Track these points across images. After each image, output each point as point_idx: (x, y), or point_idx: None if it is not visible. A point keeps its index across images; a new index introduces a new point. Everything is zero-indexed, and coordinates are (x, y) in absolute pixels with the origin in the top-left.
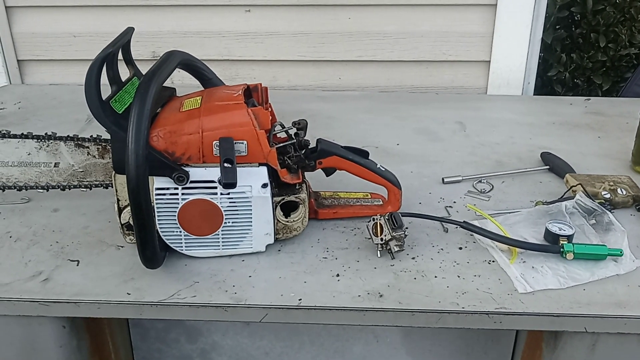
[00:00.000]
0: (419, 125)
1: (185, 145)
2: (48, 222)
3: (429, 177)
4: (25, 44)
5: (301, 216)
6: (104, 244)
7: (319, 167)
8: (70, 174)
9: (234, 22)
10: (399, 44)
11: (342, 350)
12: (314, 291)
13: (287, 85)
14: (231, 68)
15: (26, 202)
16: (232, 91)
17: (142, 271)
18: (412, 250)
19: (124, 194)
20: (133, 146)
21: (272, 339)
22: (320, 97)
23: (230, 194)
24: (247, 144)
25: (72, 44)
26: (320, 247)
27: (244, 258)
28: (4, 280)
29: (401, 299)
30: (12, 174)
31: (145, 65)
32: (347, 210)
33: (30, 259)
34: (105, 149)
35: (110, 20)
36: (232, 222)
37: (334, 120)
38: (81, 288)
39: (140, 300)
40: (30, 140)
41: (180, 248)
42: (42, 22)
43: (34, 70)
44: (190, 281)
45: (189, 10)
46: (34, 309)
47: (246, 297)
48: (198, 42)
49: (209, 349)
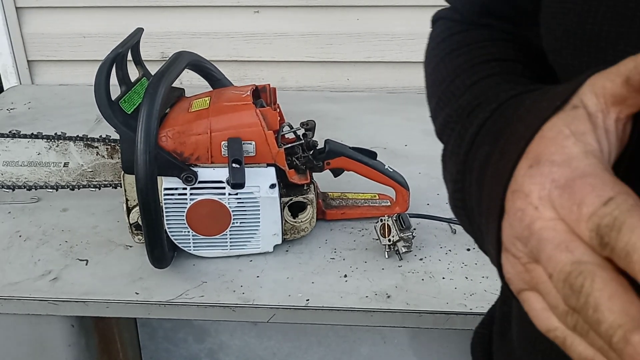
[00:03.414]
0: (428, 126)
1: (193, 145)
2: (57, 221)
3: (437, 179)
4: (35, 45)
5: (309, 217)
6: (112, 243)
7: (327, 167)
8: (79, 174)
9: (243, 23)
10: (408, 44)
11: (349, 351)
12: (321, 292)
13: (295, 86)
14: (240, 69)
15: (36, 201)
16: (240, 92)
17: (151, 271)
18: (420, 252)
19: (132, 193)
20: (142, 146)
21: (280, 340)
22: (328, 98)
23: (239, 195)
24: (256, 144)
25: (82, 45)
26: (328, 247)
27: (251, 258)
28: (13, 279)
29: (409, 300)
30: (22, 173)
31: (154, 65)
32: (355, 211)
33: (39, 258)
34: (114, 149)
35: (119, 21)
36: (240, 223)
37: (342, 121)
38: (90, 287)
39: (149, 299)
40: (40, 140)
41: (188, 248)
42: (52, 22)
43: (44, 70)
44: (198, 281)
45: (197, 12)
46: (43, 308)
47: (254, 297)
48: (207, 43)
49: (216, 349)
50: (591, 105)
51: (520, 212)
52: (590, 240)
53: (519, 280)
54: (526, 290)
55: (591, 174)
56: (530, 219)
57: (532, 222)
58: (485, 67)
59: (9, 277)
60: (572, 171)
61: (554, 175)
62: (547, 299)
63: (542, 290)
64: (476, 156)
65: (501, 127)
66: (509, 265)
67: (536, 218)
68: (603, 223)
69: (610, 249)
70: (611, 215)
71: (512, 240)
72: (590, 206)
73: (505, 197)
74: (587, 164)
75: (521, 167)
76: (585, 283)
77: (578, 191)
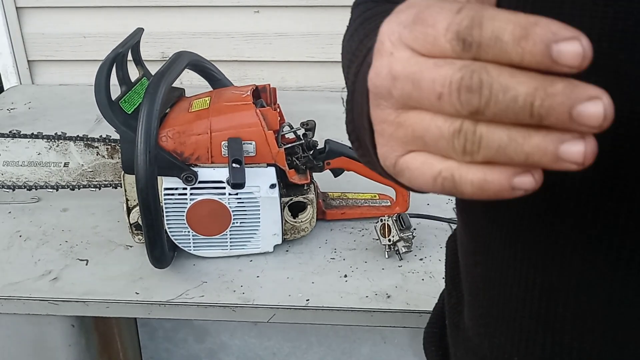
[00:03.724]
0: None
1: (194, 145)
2: (57, 221)
3: None
4: (36, 45)
5: (309, 217)
6: (112, 243)
7: (327, 167)
8: (79, 174)
9: (243, 23)
10: None
11: (349, 351)
12: (321, 292)
13: (295, 86)
14: (240, 69)
15: (36, 201)
16: (240, 92)
17: (151, 271)
18: (420, 252)
19: (132, 193)
20: (142, 146)
21: (280, 340)
22: (328, 98)
23: (239, 194)
24: (256, 144)
25: (82, 45)
26: (328, 247)
27: (251, 258)
28: (13, 279)
29: (409, 300)
30: (22, 173)
31: (154, 65)
32: (355, 211)
33: (39, 258)
34: (114, 149)
35: (120, 21)
36: (240, 223)
37: (342, 121)
38: (90, 287)
39: (149, 299)
40: (40, 140)
41: (188, 248)
42: (53, 22)
43: (44, 70)
44: (199, 281)
45: (198, 11)
46: (44, 307)
47: (254, 297)
48: (207, 43)
49: (216, 349)
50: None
51: (375, 67)
52: (453, 50)
53: (394, 145)
54: (402, 156)
55: (436, 3)
56: (388, 67)
57: (390, 68)
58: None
59: (9, 277)
60: (417, 8)
61: (400, 19)
62: (427, 137)
63: (419, 133)
64: (358, 74)
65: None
66: (379, 136)
67: (394, 62)
68: (462, 27)
69: (477, 46)
70: (467, 16)
71: (374, 104)
72: (444, 21)
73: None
74: (434, 1)
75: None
76: (482, 77)
77: (427, 17)
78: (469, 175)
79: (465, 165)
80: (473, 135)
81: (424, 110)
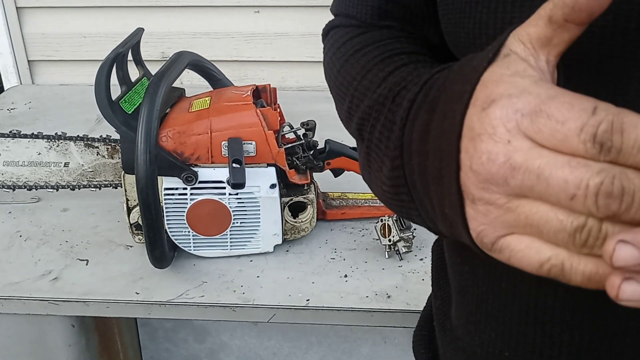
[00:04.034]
0: None
1: (194, 145)
2: (58, 221)
3: None
4: (36, 45)
5: (309, 217)
6: (113, 243)
7: (327, 167)
8: (79, 174)
9: (243, 23)
10: None
11: (349, 351)
12: (321, 292)
13: (295, 86)
14: (240, 69)
15: (36, 201)
16: (241, 92)
17: (151, 271)
18: (420, 252)
19: (133, 193)
20: (142, 146)
21: (280, 340)
22: (328, 98)
23: (239, 195)
24: (256, 144)
25: (82, 45)
26: (328, 247)
27: (252, 258)
28: (14, 279)
29: (409, 300)
30: (23, 173)
31: (154, 65)
32: (355, 211)
33: (39, 258)
34: (114, 149)
35: (120, 21)
36: (241, 223)
37: None
38: (90, 287)
39: (149, 299)
40: (40, 140)
41: (188, 248)
42: (53, 22)
43: (44, 70)
44: (199, 281)
45: (198, 11)
46: (44, 307)
47: (254, 297)
48: (207, 43)
49: (217, 349)
50: (520, 52)
51: (488, 153)
52: (586, 151)
53: (497, 227)
54: (504, 237)
55: (558, 94)
56: (505, 156)
57: (509, 157)
58: (396, 59)
59: (9, 277)
60: (535, 97)
61: (517, 106)
62: (546, 227)
63: (535, 222)
64: (413, 128)
65: (435, 95)
66: (480, 215)
67: (513, 151)
68: (600, 130)
69: (616, 152)
70: (606, 120)
71: (480, 186)
72: (577, 120)
73: (459, 149)
74: (547, 89)
75: (472, 114)
76: (624, 183)
77: (555, 112)
78: (580, 266)
79: (577, 256)
80: (598, 232)
81: (541, 201)
